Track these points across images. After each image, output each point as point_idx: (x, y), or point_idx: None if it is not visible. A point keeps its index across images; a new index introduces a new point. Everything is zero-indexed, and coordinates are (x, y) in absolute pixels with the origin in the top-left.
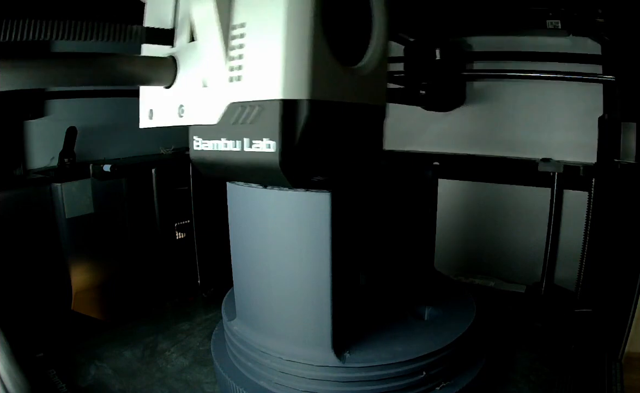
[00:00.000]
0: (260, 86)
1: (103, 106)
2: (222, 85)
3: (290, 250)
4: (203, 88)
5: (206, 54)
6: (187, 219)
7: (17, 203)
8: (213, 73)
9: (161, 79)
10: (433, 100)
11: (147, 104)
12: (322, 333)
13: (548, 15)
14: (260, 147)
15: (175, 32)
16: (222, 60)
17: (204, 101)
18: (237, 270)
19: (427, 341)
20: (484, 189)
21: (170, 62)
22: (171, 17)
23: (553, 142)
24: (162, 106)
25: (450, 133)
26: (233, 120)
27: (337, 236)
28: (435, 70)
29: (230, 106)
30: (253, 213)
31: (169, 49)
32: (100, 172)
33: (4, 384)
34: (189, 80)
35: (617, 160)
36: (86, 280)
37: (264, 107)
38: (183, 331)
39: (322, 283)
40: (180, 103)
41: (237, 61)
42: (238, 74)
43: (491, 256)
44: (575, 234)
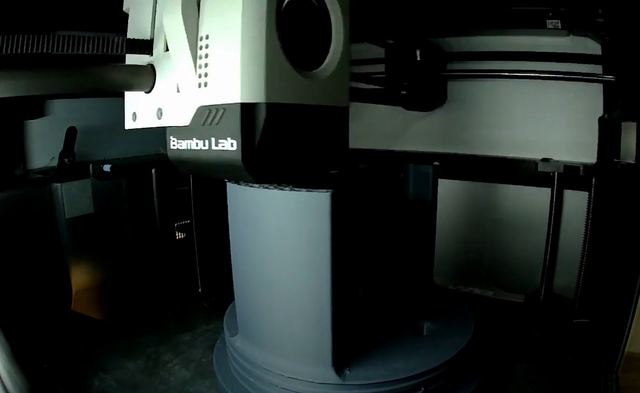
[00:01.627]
0: (223, 90)
1: (103, 106)
2: (192, 90)
3: (290, 252)
4: (177, 93)
5: (178, 62)
6: (187, 219)
7: (17, 203)
8: (184, 79)
9: (142, 85)
10: (413, 100)
11: (130, 107)
12: (323, 350)
13: (548, 15)
14: (225, 146)
15: (154, 43)
16: (192, 68)
17: (178, 105)
18: (238, 277)
19: (425, 358)
20: (483, 189)
21: (149, 70)
22: (150, 29)
23: (553, 142)
24: (143, 109)
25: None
26: (202, 121)
27: (338, 237)
28: (415, 70)
29: (199, 109)
30: (253, 213)
31: (149, 58)
32: (100, 172)
33: (4, 384)
34: (165, 86)
35: (617, 160)
36: (86, 280)
37: (227, 109)
38: (185, 342)
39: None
40: (158, 106)
41: (204, 68)
42: (205, 80)
43: (491, 257)
44: (575, 234)
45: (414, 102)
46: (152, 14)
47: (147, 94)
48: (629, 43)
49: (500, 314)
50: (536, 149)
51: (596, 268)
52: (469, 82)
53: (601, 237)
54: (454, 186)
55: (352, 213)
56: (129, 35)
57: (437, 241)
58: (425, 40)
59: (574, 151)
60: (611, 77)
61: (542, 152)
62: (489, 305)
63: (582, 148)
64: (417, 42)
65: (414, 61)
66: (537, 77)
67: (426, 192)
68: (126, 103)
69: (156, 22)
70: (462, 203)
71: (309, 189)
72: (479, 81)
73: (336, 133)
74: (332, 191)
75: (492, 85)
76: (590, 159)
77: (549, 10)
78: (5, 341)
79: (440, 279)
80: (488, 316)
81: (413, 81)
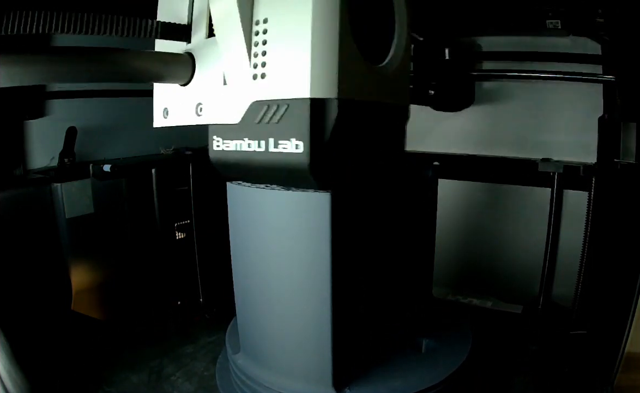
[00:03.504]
0: (286, 84)
1: (103, 106)
2: (245, 83)
3: (289, 254)
4: (223, 86)
5: (227, 50)
6: (187, 219)
7: (17, 203)
8: (234, 70)
9: (177, 76)
10: (442, 100)
11: (161, 102)
12: (323, 370)
13: (548, 15)
14: (287, 147)
15: (192, 28)
16: (245, 57)
17: (225, 99)
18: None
19: (424, 376)
20: (483, 189)
21: (187, 58)
22: (187, 12)
23: (553, 142)
24: (178, 105)
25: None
26: (257, 119)
27: (338, 238)
28: (444, 70)
29: (253, 105)
30: (253, 214)
31: (185, 46)
32: (100, 172)
33: (4, 384)
34: (207, 77)
35: (617, 160)
36: (86, 280)
37: (291, 106)
38: (187, 355)
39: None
40: (198, 101)
41: (261, 57)
42: (262, 71)
43: (490, 258)
44: (575, 235)
45: (442, 102)
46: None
47: (184, 86)
48: (629, 43)
49: (499, 325)
50: (536, 149)
51: (596, 268)
52: None
53: (601, 237)
54: (454, 186)
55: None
56: (160, 19)
57: (437, 241)
58: (454, 39)
59: (574, 151)
60: (611, 77)
61: (542, 152)
62: (488, 316)
63: (582, 148)
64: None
65: (443, 60)
66: (537, 77)
67: (426, 194)
68: (155, 97)
69: (196, 3)
70: (462, 203)
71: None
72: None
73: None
74: (332, 191)
75: (492, 85)
76: (590, 159)
77: (549, 10)
78: (5, 341)
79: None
80: (487, 328)
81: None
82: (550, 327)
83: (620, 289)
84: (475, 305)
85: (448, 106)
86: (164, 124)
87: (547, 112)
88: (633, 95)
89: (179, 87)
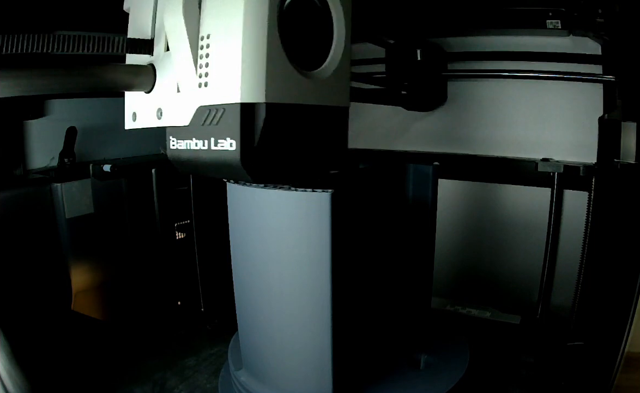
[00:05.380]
0: (223, 90)
1: (103, 106)
2: (193, 90)
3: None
4: (177, 93)
5: (178, 62)
6: (187, 219)
7: (17, 203)
8: (185, 79)
9: (142, 85)
10: (414, 100)
11: (130, 107)
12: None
13: (548, 15)
14: (224, 146)
15: (154, 42)
16: (192, 68)
17: (178, 105)
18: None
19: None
20: (482, 189)
21: (150, 69)
22: (150, 28)
23: (553, 142)
24: (143, 109)
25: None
26: (202, 121)
27: (338, 239)
28: (415, 70)
29: (199, 109)
30: (252, 214)
31: (149, 58)
32: (100, 172)
33: (4, 384)
34: (165, 86)
35: (617, 160)
36: (86, 280)
37: (227, 109)
38: (190, 367)
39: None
40: (158, 106)
41: (205, 68)
42: (205, 80)
43: (490, 260)
44: (575, 235)
45: (414, 102)
46: (153, 13)
47: (148, 94)
48: (629, 43)
49: (497, 337)
50: (536, 149)
51: (596, 269)
52: (469, 82)
53: (601, 238)
54: (453, 186)
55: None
56: (130, 34)
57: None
58: (425, 40)
59: (574, 151)
60: (611, 77)
61: (542, 152)
62: (486, 327)
63: (582, 148)
64: (417, 42)
65: (415, 61)
66: (537, 77)
67: (426, 193)
68: (126, 103)
69: (157, 21)
70: (461, 203)
71: (308, 189)
72: (478, 81)
73: (336, 133)
74: (332, 191)
75: (492, 85)
76: (590, 159)
77: (549, 10)
78: (5, 341)
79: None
80: (485, 339)
81: (413, 81)
82: (548, 338)
83: (620, 289)
84: (474, 315)
85: (420, 106)
86: (133, 126)
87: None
88: (633, 95)
89: (144, 94)
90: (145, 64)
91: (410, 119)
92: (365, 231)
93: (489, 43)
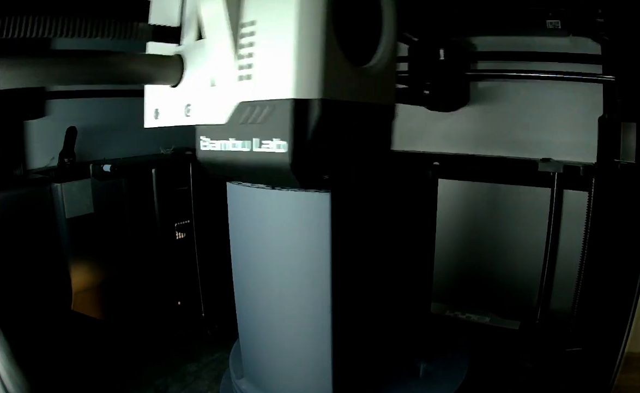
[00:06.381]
0: (271, 85)
1: (103, 106)
2: (231, 84)
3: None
4: (211, 87)
5: (215, 52)
6: (187, 219)
7: (17, 203)
8: (222, 72)
9: (167, 77)
10: (437, 100)
11: (152, 103)
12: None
13: (548, 15)
14: (270, 147)
15: (182, 30)
16: (232, 58)
17: (212, 100)
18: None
19: None
20: (482, 189)
21: (177, 60)
22: (178, 15)
23: (553, 142)
24: (168, 105)
25: (454, 133)
26: (242, 120)
27: (338, 239)
28: (439, 70)
29: (239, 106)
30: (252, 214)
31: (175, 48)
32: (100, 172)
33: (3, 384)
34: (196, 79)
35: (617, 160)
36: (86, 280)
37: (275, 106)
38: (191, 373)
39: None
40: (187, 102)
41: (247, 59)
42: (248, 72)
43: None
44: (575, 235)
45: (437, 101)
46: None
47: (173, 88)
48: (629, 43)
49: (496, 342)
50: (536, 149)
51: (596, 269)
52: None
53: (601, 238)
54: (453, 186)
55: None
56: (153, 21)
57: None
58: (449, 39)
59: (574, 151)
60: (611, 77)
61: (542, 152)
62: (486, 332)
63: (582, 148)
64: (441, 41)
65: (438, 60)
66: (537, 77)
67: (426, 194)
68: (146, 98)
69: (186, 7)
70: (461, 203)
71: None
72: (478, 81)
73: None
74: (332, 191)
75: (492, 85)
76: (590, 159)
77: (549, 10)
78: (5, 341)
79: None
80: (484, 345)
81: (437, 81)
82: (547, 343)
83: (620, 289)
84: (474, 321)
85: (443, 106)
86: (155, 124)
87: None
88: (633, 95)
89: (169, 88)
90: (172, 55)
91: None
92: (365, 232)
93: (489, 43)
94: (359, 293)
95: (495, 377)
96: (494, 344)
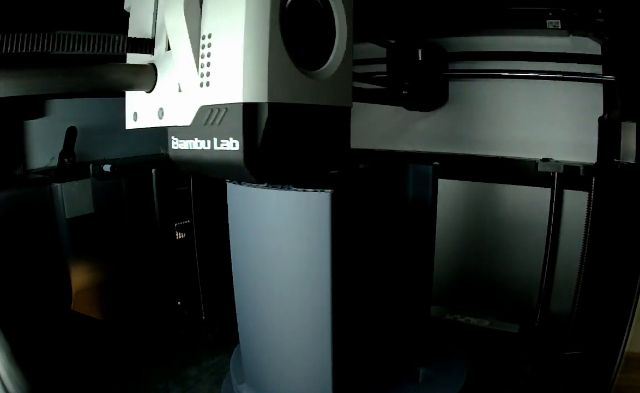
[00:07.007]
0: (225, 90)
1: (103, 106)
2: (194, 90)
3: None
4: (179, 93)
5: (180, 61)
6: (187, 220)
7: (17, 203)
8: (186, 79)
9: (143, 84)
10: (415, 100)
11: (131, 107)
12: None
13: (548, 15)
14: (227, 146)
15: (155, 42)
16: (193, 67)
17: (180, 104)
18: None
19: None
20: (482, 189)
21: (151, 69)
22: (151, 28)
23: (553, 142)
24: (144, 109)
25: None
26: (204, 121)
27: (338, 239)
28: (416, 71)
29: (201, 109)
30: (252, 214)
31: (150, 57)
32: (100, 172)
33: (4, 384)
34: (167, 85)
35: (617, 160)
36: (86, 280)
37: (229, 109)
38: (192, 377)
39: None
40: (160, 106)
41: (206, 68)
42: (207, 79)
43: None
44: (575, 235)
45: (415, 102)
46: (154, 12)
47: (149, 93)
48: (629, 43)
49: (495, 346)
50: (536, 149)
51: (596, 269)
52: (469, 82)
53: (601, 238)
54: (453, 186)
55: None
56: (130, 34)
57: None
58: (426, 40)
59: (574, 151)
60: (611, 77)
61: (542, 152)
62: (485, 336)
63: (582, 148)
64: (418, 42)
65: (416, 61)
66: (537, 77)
67: (426, 194)
68: (127, 103)
69: (158, 20)
70: (461, 203)
71: (308, 190)
72: (478, 81)
73: (338, 133)
74: (332, 191)
75: (492, 85)
76: (590, 159)
77: (549, 10)
78: (5, 341)
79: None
80: (484, 348)
81: (414, 81)
82: (546, 346)
83: (620, 289)
84: (473, 324)
85: (421, 106)
86: (134, 126)
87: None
88: (633, 95)
89: (145, 94)
90: (146, 64)
91: (410, 119)
92: (366, 232)
93: (489, 43)
94: (359, 295)
95: (494, 381)
96: (493, 347)
